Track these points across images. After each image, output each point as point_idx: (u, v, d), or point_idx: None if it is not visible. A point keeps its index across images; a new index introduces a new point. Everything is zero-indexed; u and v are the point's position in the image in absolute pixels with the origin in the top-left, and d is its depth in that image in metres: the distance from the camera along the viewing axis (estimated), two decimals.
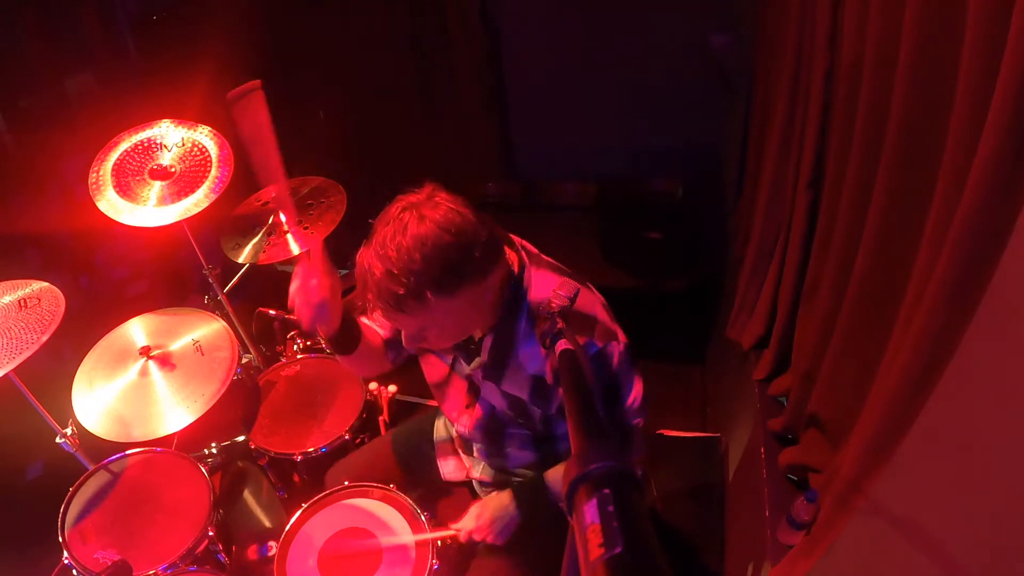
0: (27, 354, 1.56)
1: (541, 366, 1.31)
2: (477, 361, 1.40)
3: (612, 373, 1.29)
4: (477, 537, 1.50)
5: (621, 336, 1.30)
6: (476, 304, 1.23)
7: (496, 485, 1.64)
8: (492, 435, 1.54)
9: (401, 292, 1.11)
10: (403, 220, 1.12)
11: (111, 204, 1.91)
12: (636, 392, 1.34)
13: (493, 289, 1.24)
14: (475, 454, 1.66)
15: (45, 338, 1.59)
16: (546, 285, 1.29)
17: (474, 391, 1.50)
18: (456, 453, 1.78)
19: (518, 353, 1.33)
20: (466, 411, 1.53)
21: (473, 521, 1.50)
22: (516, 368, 1.35)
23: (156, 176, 1.99)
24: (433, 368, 1.53)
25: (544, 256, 1.39)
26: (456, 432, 1.66)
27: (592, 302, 1.31)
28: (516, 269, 1.29)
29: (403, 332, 1.28)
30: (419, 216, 1.12)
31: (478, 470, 1.68)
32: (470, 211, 1.16)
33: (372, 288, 1.14)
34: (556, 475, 1.47)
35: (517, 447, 1.54)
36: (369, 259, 1.13)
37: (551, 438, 1.50)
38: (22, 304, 1.69)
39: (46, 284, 1.75)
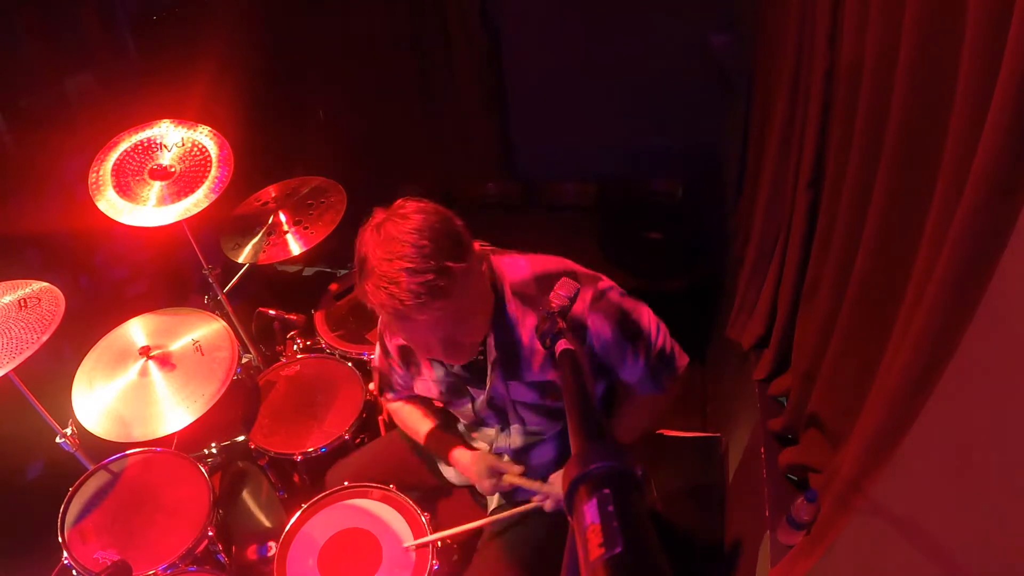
0: (27, 354, 1.56)
1: None
2: (490, 374, 1.40)
3: (616, 305, 1.33)
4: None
5: (603, 276, 1.36)
6: (479, 280, 1.25)
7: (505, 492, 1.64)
8: (523, 448, 1.56)
9: (431, 277, 1.11)
10: (386, 231, 1.13)
11: (111, 204, 1.91)
12: (648, 318, 1.40)
13: (481, 273, 1.27)
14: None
15: (45, 338, 1.59)
16: (516, 266, 1.34)
17: (502, 415, 1.50)
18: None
19: (521, 338, 1.34)
20: (501, 434, 1.55)
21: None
22: (529, 353, 1.36)
23: (156, 176, 1.99)
24: (461, 411, 1.55)
25: (500, 248, 1.43)
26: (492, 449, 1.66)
27: (562, 261, 1.37)
28: (488, 265, 1.33)
29: (440, 341, 1.24)
30: (401, 216, 1.15)
31: None
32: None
33: (401, 296, 1.11)
34: None
35: (541, 448, 1.56)
36: (381, 281, 1.12)
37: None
38: (22, 304, 1.69)
39: (46, 284, 1.75)
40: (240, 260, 2.21)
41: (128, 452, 1.92)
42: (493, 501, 1.68)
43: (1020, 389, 0.79)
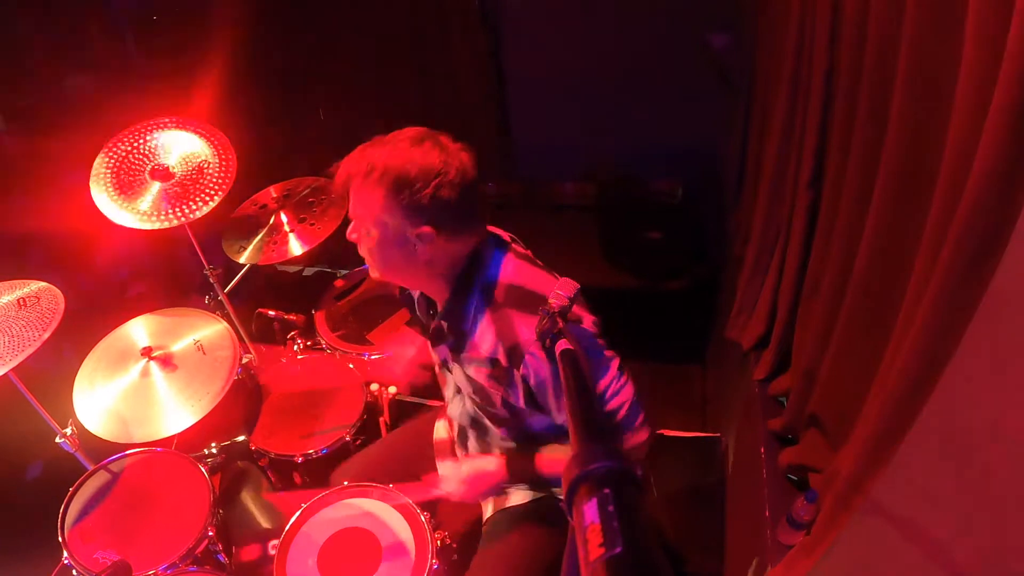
0: (27, 353, 1.56)
1: (494, 348, 1.31)
2: (441, 345, 1.43)
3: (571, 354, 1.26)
4: (456, 496, 1.48)
5: (588, 317, 1.31)
6: (403, 252, 1.29)
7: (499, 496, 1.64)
8: (476, 424, 1.56)
9: (362, 169, 1.37)
10: (419, 144, 1.40)
11: (111, 204, 1.91)
12: (608, 379, 1.29)
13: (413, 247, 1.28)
14: (468, 448, 1.66)
15: (45, 336, 1.59)
16: (506, 270, 1.32)
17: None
18: (453, 454, 1.78)
19: (470, 331, 1.34)
20: (457, 395, 1.56)
21: (459, 480, 1.47)
22: (473, 347, 1.35)
23: (156, 176, 1.99)
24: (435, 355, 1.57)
25: (531, 255, 1.40)
26: (454, 421, 1.67)
27: (556, 287, 1.31)
28: (482, 249, 1.32)
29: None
30: (438, 144, 1.39)
31: None
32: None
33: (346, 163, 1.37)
34: (551, 455, 1.44)
35: (500, 445, 1.55)
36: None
37: (530, 437, 1.49)
38: (21, 303, 1.69)
39: (46, 284, 1.75)
40: (242, 260, 2.21)
41: (128, 452, 1.92)
42: (488, 509, 1.68)
43: (1020, 389, 0.79)
